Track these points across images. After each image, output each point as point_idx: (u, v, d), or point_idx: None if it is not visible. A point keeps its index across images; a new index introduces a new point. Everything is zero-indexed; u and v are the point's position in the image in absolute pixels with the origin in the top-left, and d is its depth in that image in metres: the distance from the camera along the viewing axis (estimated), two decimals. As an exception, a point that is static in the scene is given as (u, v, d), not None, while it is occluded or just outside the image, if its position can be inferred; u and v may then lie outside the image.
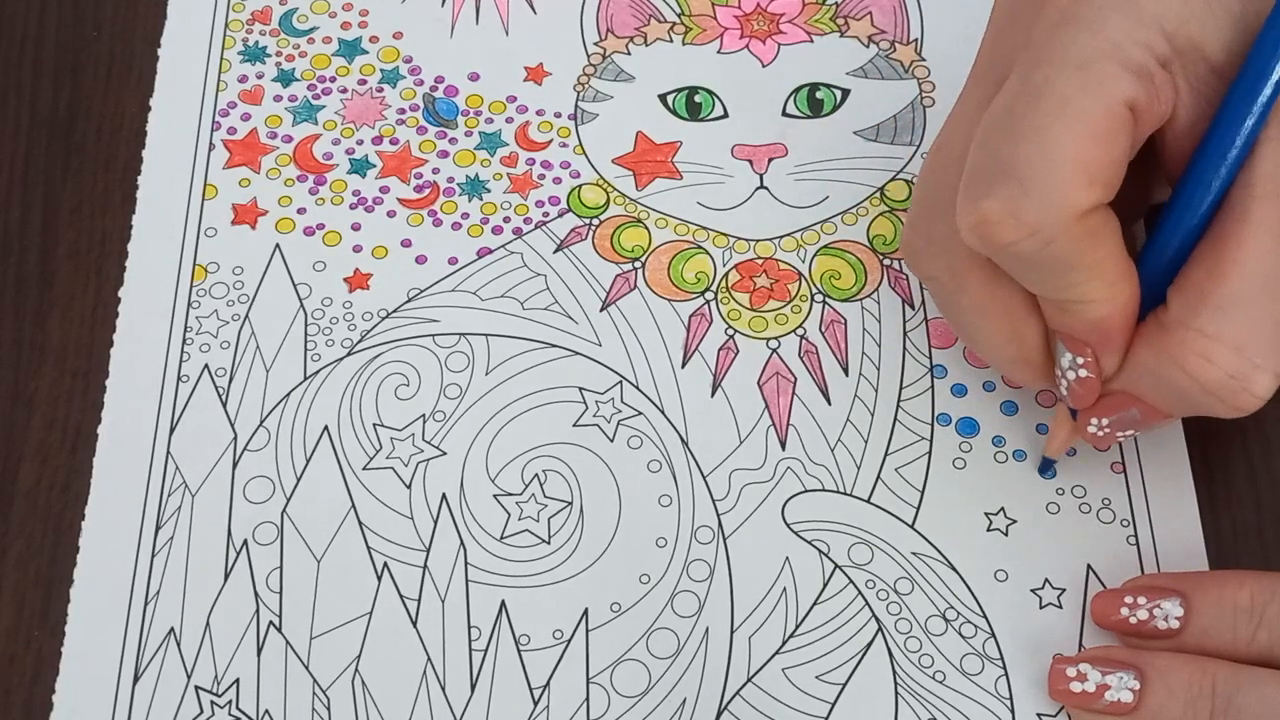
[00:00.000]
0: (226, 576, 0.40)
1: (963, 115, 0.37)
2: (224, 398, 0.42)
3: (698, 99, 0.47)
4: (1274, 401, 0.42)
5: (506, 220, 0.45)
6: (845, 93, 0.47)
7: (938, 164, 0.37)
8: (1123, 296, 0.34)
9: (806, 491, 0.41)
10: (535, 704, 0.38)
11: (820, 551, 0.40)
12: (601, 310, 0.44)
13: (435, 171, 0.46)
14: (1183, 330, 0.34)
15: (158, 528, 0.40)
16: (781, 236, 0.45)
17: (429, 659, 0.39)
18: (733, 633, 0.39)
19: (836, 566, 0.40)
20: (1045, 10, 0.34)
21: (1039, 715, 0.38)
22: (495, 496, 0.41)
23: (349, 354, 0.43)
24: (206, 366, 0.43)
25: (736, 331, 0.43)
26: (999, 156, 0.33)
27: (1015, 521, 0.40)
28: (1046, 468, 0.41)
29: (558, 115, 0.47)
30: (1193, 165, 0.34)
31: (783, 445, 0.42)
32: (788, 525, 0.40)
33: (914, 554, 0.40)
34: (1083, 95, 0.32)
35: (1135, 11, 0.33)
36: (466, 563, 0.40)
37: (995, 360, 0.39)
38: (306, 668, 0.39)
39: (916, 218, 0.38)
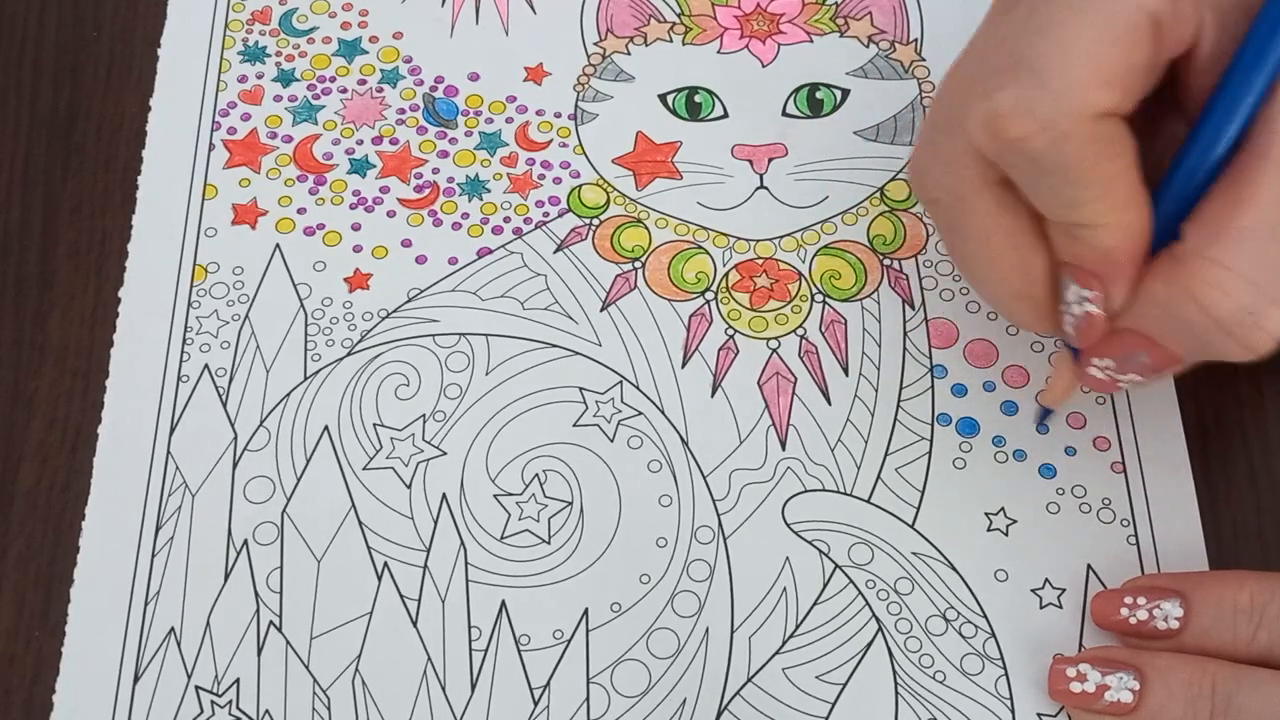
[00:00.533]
0: (227, 576, 0.40)
1: (981, 37, 0.36)
2: (224, 398, 0.42)
3: (698, 99, 0.47)
4: (1274, 401, 0.42)
5: (506, 220, 0.45)
6: (845, 93, 0.47)
7: (952, 83, 0.36)
8: (1134, 222, 0.33)
9: (807, 491, 0.41)
10: (535, 704, 0.38)
11: (820, 551, 0.40)
12: (601, 310, 0.44)
13: (435, 171, 0.46)
14: (1198, 260, 0.33)
15: (158, 528, 0.40)
16: (781, 236, 0.45)
17: (429, 659, 0.39)
18: (733, 633, 0.39)
19: (837, 566, 0.40)
20: None
21: (1039, 715, 0.38)
22: (495, 496, 0.41)
23: (349, 354, 0.43)
24: (206, 366, 0.43)
25: (736, 331, 0.43)
26: (1015, 50, 0.32)
27: (1015, 521, 0.40)
28: (1043, 418, 0.40)
29: (558, 115, 0.47)
30: (1213, 100, 0.33)
31: (783, 445, 0.42)
32: (788, 525, 0.40)
33: (914, 554, 0.40)
34: None
35: None
36: (467, 563, 0.40)
37: (998, 295, 0.37)
38: (307, 668, 0.39)
39: (927, 135, 0.37)
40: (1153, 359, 0.35)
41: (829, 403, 0.42)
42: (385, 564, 0.40)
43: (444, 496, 0.41)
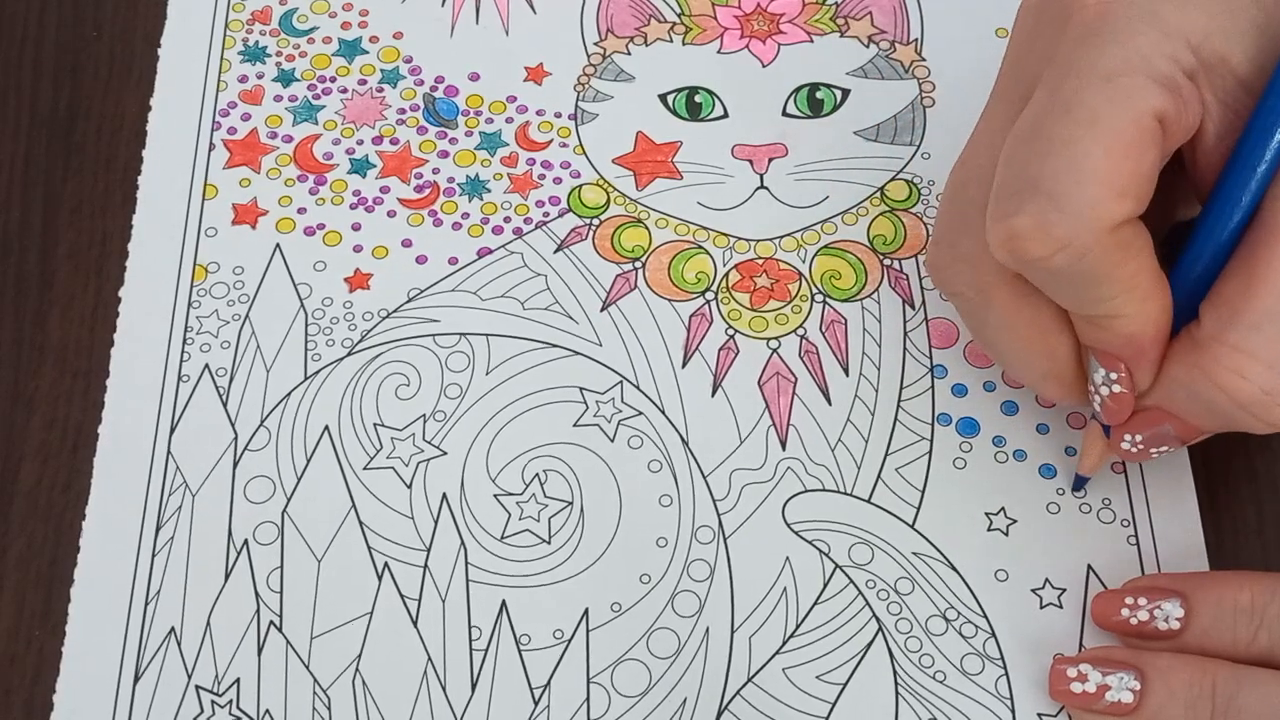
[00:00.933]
0: (227, 576, 0.40)
1: (987, 131, 0.36)
2: (224, 398, 0.42)
3: (698, 99, 0.47)
4: (1274, 401, 0.42)
5: (507, 220, 0.45)
6: (845, 93, 0.47)
7: (962, 179, 0.37)
8: (1155, 311, 0.34)
9: (807, 491, 0.41)
10: (535, 704, 0.38)
11: (821, 551, 0.40)
12: (602, 310, 0.44)
13: (435, 171, 0.46)
14: (1216, 346, 0.33)
15: (158, 528, 0.40)
16: (782, 236, 0.45)
17: (429, 659, 0.39)
18: (733, 633, 0.39)
19: (837, 566, 0.40)
20: (1070, 25, 0.34)
21: (1039, 715, 0.38)
22: (496, 496, 0.41)
23: (349, 354, 0.43)
24: (207, 366, 0.43)
25: (737, 331, 0.43)
26: (1028, 171, 0.33)
27: (1015, 521, 0.40)
28: (1079, 485, 0.40)
29: (558, 115, 0.47)
30: (1222, 179, 0.34)
31: (783, 445, 0.42)
32: (788, 525, 0.40)
33: (914, 554, 0.40)
34: (1111, 107, 0.32)
35: (1161, 24, 0.33)
36: (467, 562, 0.40)
37: (1026, 377, 0.38)
38: (307, 667, 0.39)
39: (942, 234, 0.37)
40: (1179, 432, 0.36)
41: (829, 403, 0.42)
42: (385, 564, 0.40)
43: (444, 496, 0.41)
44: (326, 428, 0.42)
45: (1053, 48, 0.34)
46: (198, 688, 0.38)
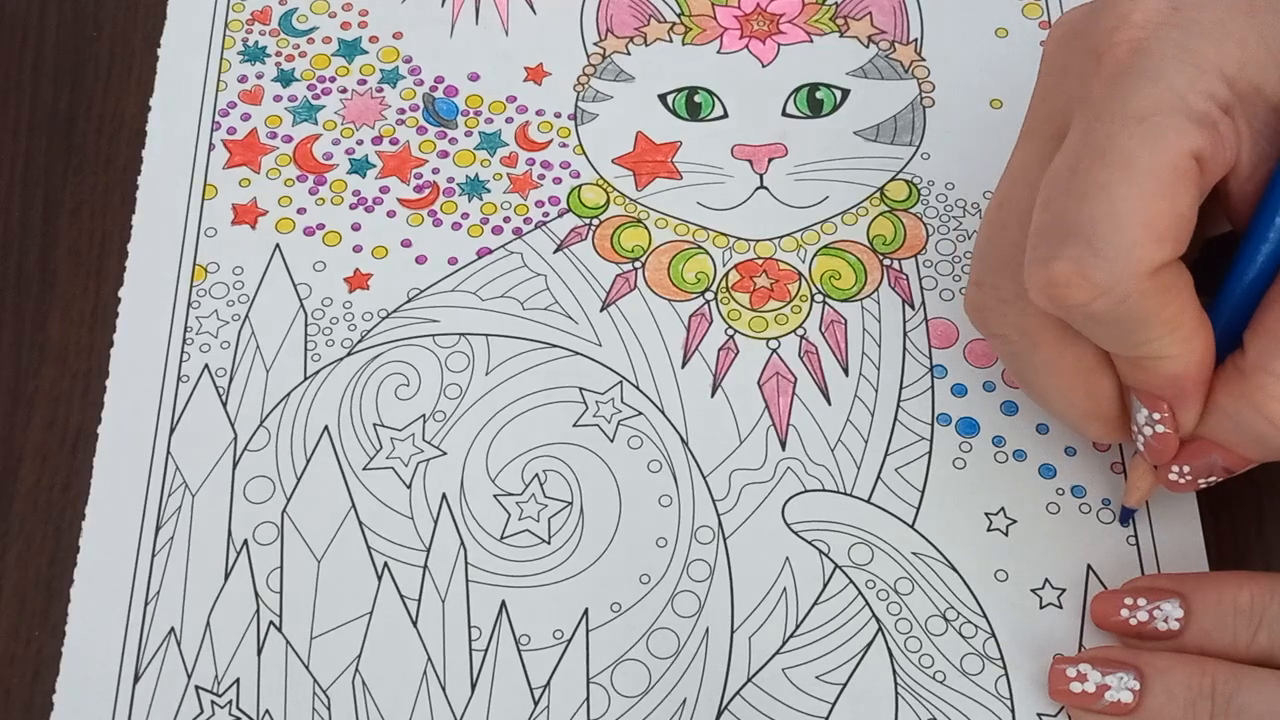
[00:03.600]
0: (227, 576, 0.40)
1: (1022, 168, 0.36)
2: (224, 398, 0.42)
3: (698, 99, 0.47)
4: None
5: (506, 220, 0.45)
6: (845, 93, 0.47)
7: (1000, 220, 0.36)
8: (1198, 351, 0.34)
9: (806, 491, 0.41)
10: (535, 704, 0.38)
11: (820, 551, 0.40)
12: (601, 310, 0.44)
13: (435, 171, 0.46)
14: (1261, 375, 0.33)
15: (158, 528, 0.40)
16: (781, 236, 0.45)
17: (429, 659, 0.39)
18: (733, 633, 0.39)
19: (836, 566, 0.40)
20: (1103, 62, 0.33)
21: (1039, 715, 0.38)
22: (495, 496, 0.41)
23: (349, 354, 0.43)
24: (206, 366, 0.43)
25: (736, 331, 0.43)
26: (1065, 217, 0.32)
27: (1015, 521, 0.40)
28: (1126, 518, 0.40)
29: (558, 115, 0.47)
30: (1261, 208, 0.33)
31: (783, 445, 0.42)
32: (788, 525, 0.40)
33: (914, 554, 0.40)
34: (1147, 149, 0.32)
35: (1195, 59, 0.32)
36: (467, 563, 0.40)
37: (1069, 418, 0.38)
38: (307, 668, 0.39)
39: (984, 277, 0.37)
40: (1227, 462, 0.36)
41: (829, 403, 0.42)
42: (385, 564, 0.40)
43: (444, 496, 0.41)
44: (326, 428, 0.42)
45: (1085, 85, 0.34)
46: (197, 688, 0.38)
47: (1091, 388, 0.37)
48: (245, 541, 0.40)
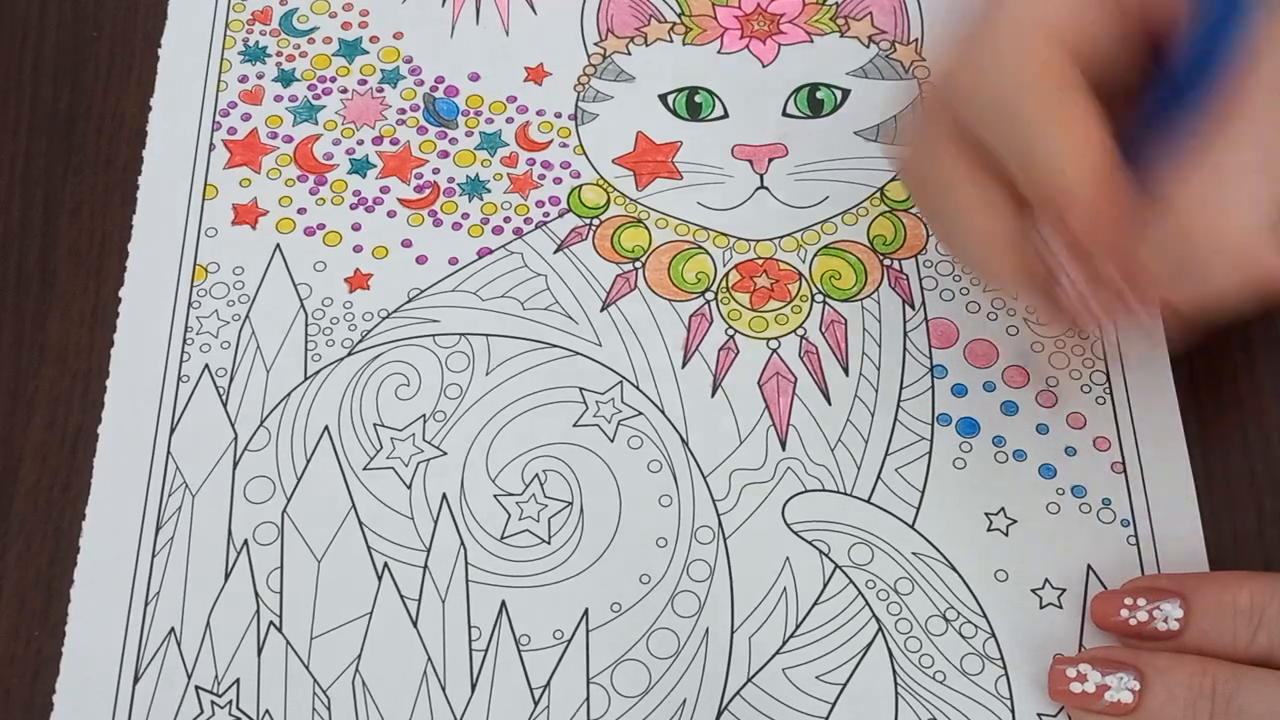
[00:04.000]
0: (227, 576, 0.40)
1: None
2: (224, 398, 0.42)
3: (698, 99, 0.47)
4: (1274, 402, 0.42)
5: (507, 220, 0.45)
6: (845, 93, 0.47)
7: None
8: (1091, 162, 0.34)
9: (807, 491, 0.41)
10: (535, 704, 0.38)
11: (820, 551, 0.40)
12: (602, 310, 0.44)
13: (435, 171, 0.46)
14: (1186, 202, 0.33)
15: (158, 528, 0.40)
16: (782, 236, 0.45)
17: (429, 659, 0.39)
18: (733, 633, 0.39)
19: (837, 566, 0.40)
20: None
21: (1039, 715, 0.38)
22: (495, 496, 0.41)
23: (349, 354, 0.43)
24: (207, 366, 0.43)
25: (737, 331, 0.43)
26: (976, 23, 0.35)
27: (1015, 521, 0.40)
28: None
29: (558, 115, 0.47)
30: (1190, 48, 0.34)
31: (783, 445, 0.42)
32: (788, 525, 0.40)
33: (914, 554, 0.40)
34: None
35: None
36: (467, 563, 0.40)
37: (985, 260, 0.37)
38: (307, 668, 0.39)
39: (910, 131, 0.39)
40: (1142, 301, 0.35)
41: (829, 403, 0.42)
42: (385, 564, 0.40)
43: (444, 496, 0.41)
44: (326, 428, 0.42)
45: None
46: (197, 688, 0.38)
47: (992, 205, 0.36)
48: (245, 541, 0.40)
